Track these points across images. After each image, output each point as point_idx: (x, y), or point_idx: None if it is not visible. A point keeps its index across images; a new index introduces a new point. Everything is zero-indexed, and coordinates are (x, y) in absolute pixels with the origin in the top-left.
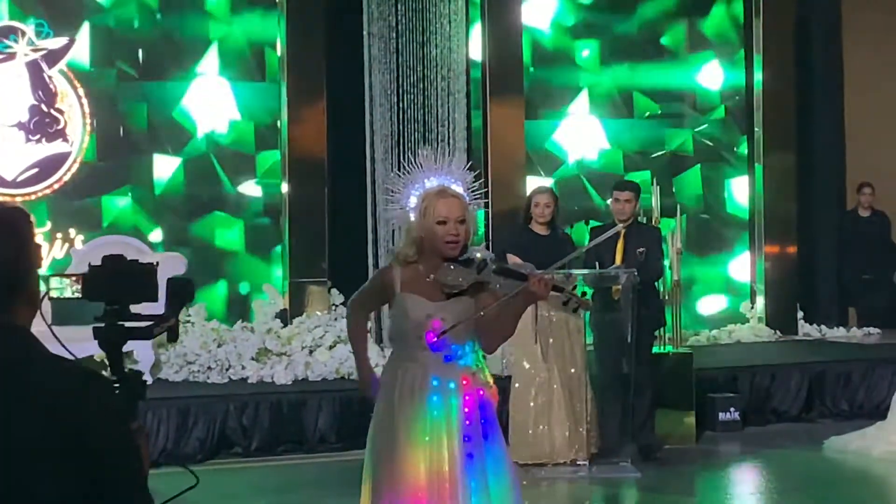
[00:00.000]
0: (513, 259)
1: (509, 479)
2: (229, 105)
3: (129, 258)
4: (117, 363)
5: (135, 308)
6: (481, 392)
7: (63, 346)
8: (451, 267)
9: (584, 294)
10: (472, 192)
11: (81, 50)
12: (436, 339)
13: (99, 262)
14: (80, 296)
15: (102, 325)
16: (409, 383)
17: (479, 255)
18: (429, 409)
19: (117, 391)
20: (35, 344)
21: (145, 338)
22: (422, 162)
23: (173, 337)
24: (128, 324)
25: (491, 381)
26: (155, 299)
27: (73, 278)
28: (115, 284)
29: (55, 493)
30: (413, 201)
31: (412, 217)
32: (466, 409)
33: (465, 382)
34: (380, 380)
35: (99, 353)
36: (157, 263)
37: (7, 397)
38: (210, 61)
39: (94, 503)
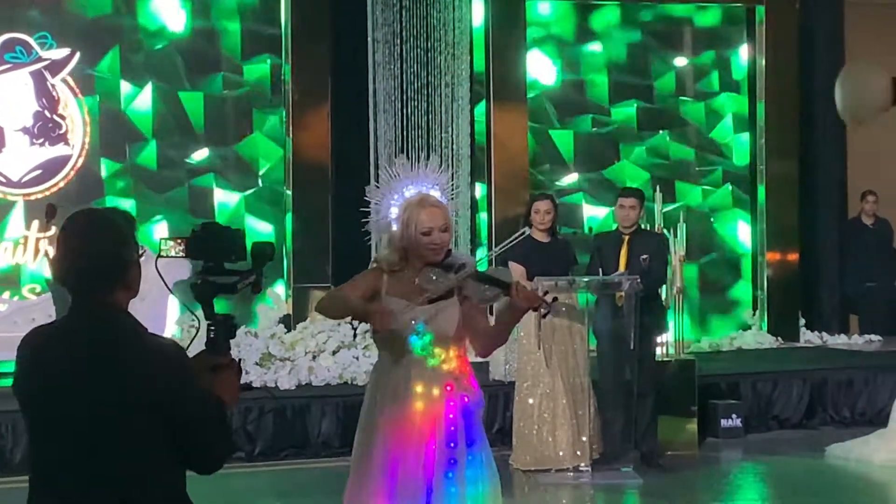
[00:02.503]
0: (515, 269)
1: (490, 487)
2: (232, 110)
3: (221, 225)
4: (211, 312)
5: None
6: (465, 398)
7: (184, 304)
8: (433, 272)
9: (555, 299)
10: (450, 192)
11: (88, 56)
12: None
13: (199, 228)
14: (183, 255)
15: (198, 281)
16: (393, 388)
17: (461, 260)
18: (414, 415)
19: (212, 333)
20: (130, 321)
21: (231, 292)
22: (398, 170)
23: (257, 289)
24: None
25: (475, 386)
26: (244, 258)
27: (178, 240)
28: (212, 245)
29: (147, 439)
30: (394, 212)
31: (394, 227)
32: (451, 416)
33: (448, 388)
34: (369, 384)
35: None
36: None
37: (106, 364)
38: (214, 67)
39: (181, 444)
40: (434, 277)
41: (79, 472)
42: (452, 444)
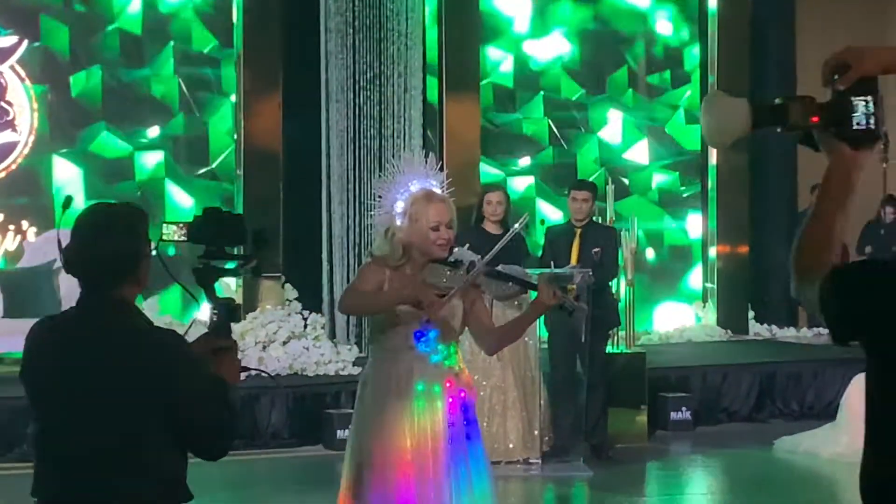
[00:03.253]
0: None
1: (490, 480)
2: (184, 97)
3: (222, 211)
4: (213, 295)
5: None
6: (463, 394)
7: (185, 288)
8: (441, 269)
9: (577, 298)
10: (445, 190)
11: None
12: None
13: (201, 213)
14: (185, 239)
15: (200, 265)
16: (394, 384)
17: (468, 257)
18: (414, 412)
19: (215, 316)
20: (136, 313)
21: (233, 275)
22: (403, 165)
23: (258, 272)
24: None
25: (471, 381)
26: (244, 243)
27: (180, 225)
28: (213, 230)
29: (150, 428)
30: (399, 206)
31: (398, 222)
32: (451, 413)
33: (448, 385)
34: (363, 376)
35: None
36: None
37: (112, 355)
38: (166, 53)
39: (186, 433)
40: (446, 273)
41: (83, 460)
42: (452, 442)
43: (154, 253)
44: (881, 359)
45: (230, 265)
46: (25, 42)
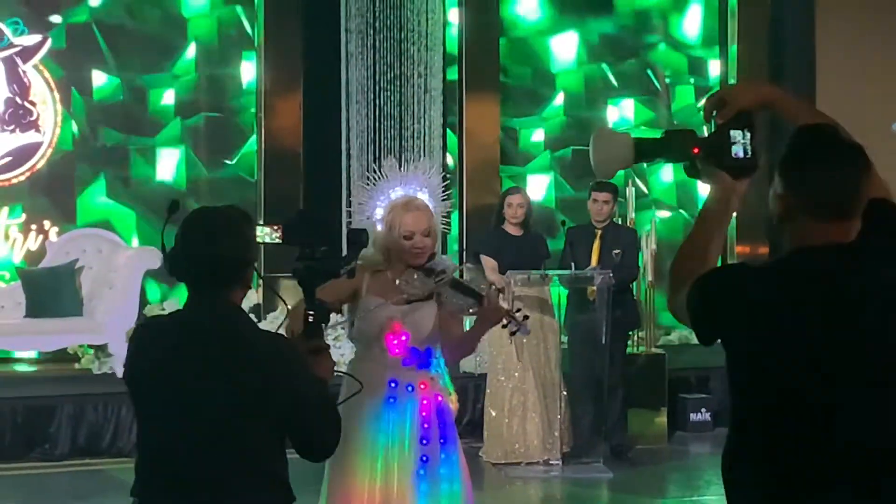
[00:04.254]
0: (487, 262)
1: (463, 486)
2: (206, 98)
3: (313, 213)
4: (311, 296)
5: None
6: (439, 397)
7: (277, 294)
8: (414, 275)
9: (525, 318)
10: (440, 196)
11: (58, 44)
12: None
13: (295, 215)
14: (280, 241)
15: (301, 266)
16: (369, 384)
17: (444, 266)
18: (385, 410)
19: (311, 318)
20: (243, 316)
21: (333, 276)
22: (386, 171)
23: (351, 275)
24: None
25: (451, 389)
26: (338, 244)
27: (275, 227)
28: (307, 232)
29: (258, 431)
30: (379, 213)
31: (378, 228)
32: (424, 413)
33: (422, 386)
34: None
35: (72, 345)
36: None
37: (220, 355)
38: (188, 54)
39: (293, 434)
40: (414, 280)
41: (190, 462)
42: (425, 442)
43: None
44: (733, 354)
45: (331, 266)
46: (49, 41)
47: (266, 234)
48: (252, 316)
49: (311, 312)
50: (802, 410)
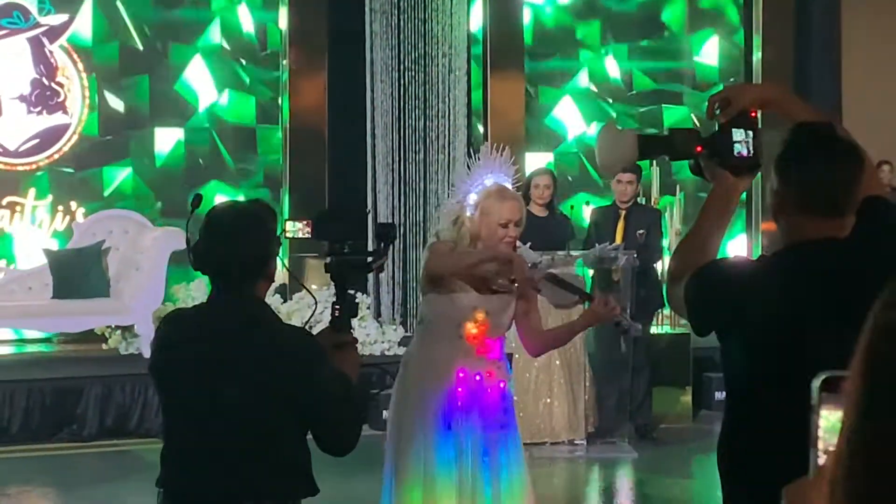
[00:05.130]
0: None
1: (523, 470)
2: (231, 79)
3: (345, 207)
4: (342, 290)
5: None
6: (502, 384)
7: (304, 287)
8: (553, 287)
9: (633, 317)
10: (515, 186)
11: (83, 24)
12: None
13: (325, 210)
14: (309, 236)
15: (332, 261)
16: (434, 367)
17: (530, 257)
18: (457, 398)
19: (336, 311)
20: (267, 310)
21: (368, 271)
22: (482, 158)
23: (382, 269)
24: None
25: (510, 373)
26: (367, 239)
27: (305, 222)
28: (338, 227)
29: (281, 423)
30: (472, 198)
31: (468, 213)
32: (491, 402)
33: (489, 374)
34: (406, 356)
35: (99, 326)
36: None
37: (245, 348)
38: (212, 35)
39: (315, 427)
40: (560, 292)
41: (215, 453)
42: (491, 430)
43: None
44: (727, 347)
45: (362, 261)
46: (76, 21)
47: (297, 229)
48: (277, 296)
49: (338, 307)
50: (795, 404)
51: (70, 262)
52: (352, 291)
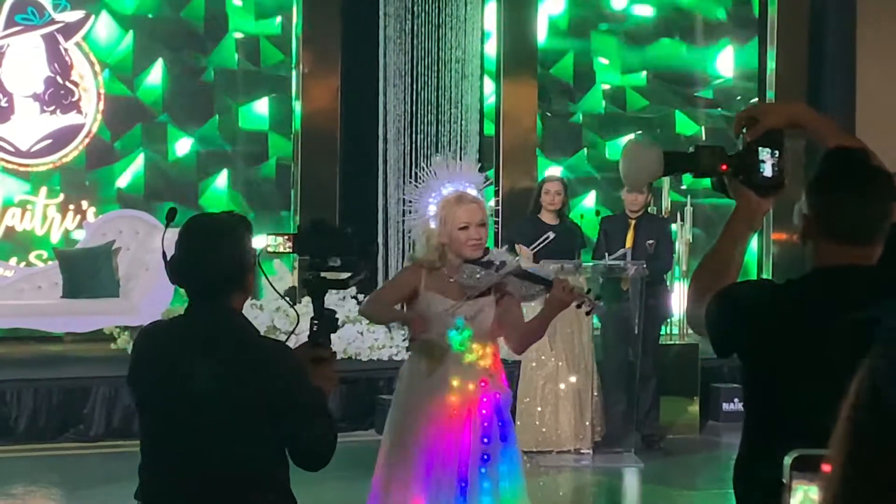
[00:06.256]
0: (521, 251)
1: (521, 481)
2: (243, 82)
3: (327, 222)
4: (319, 306)
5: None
6: (498, 395)
7: (283, 297)
8: (471, 268)
9: (598, 298)
10: (482, 190)
11: (99, 24)
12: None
13: (307, 224)
14: (291, 251)
15: (310, 277)
16: (429, 380)
17: (501, 258)
18: (448, 409)
19: (315, 326)
20: (243, 322)
21: (343, 287)
22: (435, 170)
23: (363, 287)
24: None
25: (506, 384)
26: (351, 254)
27: (286, 237)
28: (320, 242)
29: (257, 436)
30: (432, 209)
31: (432, 225)
32: (485, 411)
33: (483, 384)
34: (401, 370)
35: (108, 326)
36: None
37: (220, 361)
38: (227, 40)
39: (289, 443)
40: (476, 274)
41: (191, 467)
42: (486, 440)
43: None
44: (748, 369)
45: (341, 276)
46: (93, 18)
47: (278, 243)
48: (288, 299)
49: (316, 321)
50: (813, 427)
51: (80, 262)
52: (332, 308)
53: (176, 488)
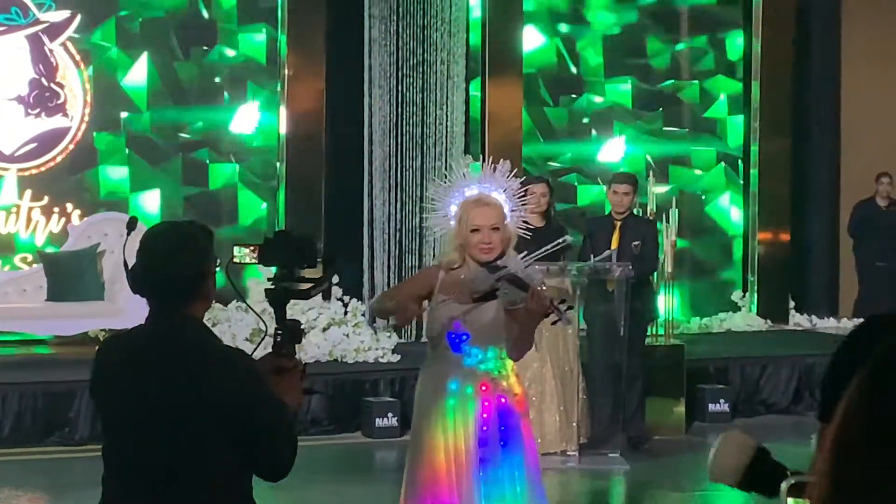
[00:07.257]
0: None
1: (530, 488)
2: (227, 83)
3: (293, 233)
4: (281, 317)
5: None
6: (502, 399)
7: (249, 307)
8: (479, 272)
9: (569, 308)
10: (517, 198)
11: (84, 24)
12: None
13: (272, 235)
14: (256, 262)
15: (273, 286)
16: (432, 383)
17: (512, 264)
18: (446, 411)
19: (279, 337)
20: (206, 331)
21: (305, 297)
22: (464, 171)
23: (327, 296)
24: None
25: (517, 390)
26: (314, 265)
27: (251, 247)
28: (284, 252)
29: (218, 446)
30: (453, 209)
31: (452, 224)
32: (485, 415)
33: (483, 388)
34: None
35: (93, 329)
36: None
37: (184, 372)
38: (211, 40)
39: (250, 452)
40: (478, 276)
41: (153, 477)
42: (483, 444)
43: (217, 269)
44: None
45: (303, 287)
46: (78, 17)
47: (243, 254)
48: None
49: (279, 332)
50: None
51: (65, 265)
52: (296, 318)
53: (136, 498)
